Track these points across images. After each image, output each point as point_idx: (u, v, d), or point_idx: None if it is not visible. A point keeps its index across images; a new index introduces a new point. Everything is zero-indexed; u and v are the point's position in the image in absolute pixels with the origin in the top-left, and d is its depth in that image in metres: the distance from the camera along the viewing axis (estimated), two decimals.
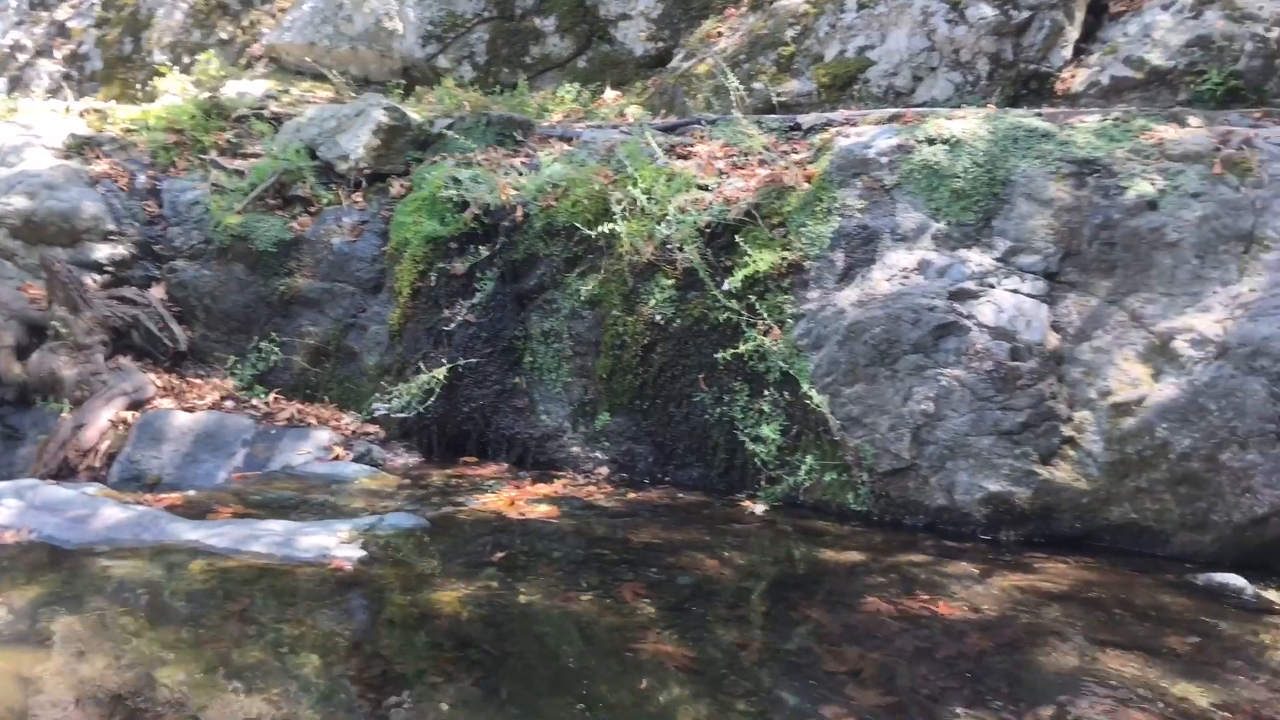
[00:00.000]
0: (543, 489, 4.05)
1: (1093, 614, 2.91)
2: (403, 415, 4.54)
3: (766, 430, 3.92)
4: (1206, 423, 3.34)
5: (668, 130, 5.06)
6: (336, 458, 4.48)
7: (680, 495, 4.00)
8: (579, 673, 2.56)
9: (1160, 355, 3.50)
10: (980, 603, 2.95)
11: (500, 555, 3.27)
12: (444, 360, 4.54)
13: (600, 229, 4.38)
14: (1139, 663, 2.57)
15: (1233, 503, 3.29)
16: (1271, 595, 3.04)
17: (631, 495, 4.01)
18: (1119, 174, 3.79)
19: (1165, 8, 5.01)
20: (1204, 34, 4.86)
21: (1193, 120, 4.09)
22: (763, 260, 4.08)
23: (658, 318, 4.23)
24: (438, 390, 4.49)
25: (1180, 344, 3.47)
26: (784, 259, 4.08)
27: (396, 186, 5.31)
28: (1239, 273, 3.52)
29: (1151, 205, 3.70)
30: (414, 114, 5.62)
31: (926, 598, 2.96)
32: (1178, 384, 3.42)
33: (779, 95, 5.59)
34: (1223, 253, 3.56)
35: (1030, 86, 5.19)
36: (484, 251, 4.68)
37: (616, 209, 4.40)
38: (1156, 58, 4.90)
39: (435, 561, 3.23)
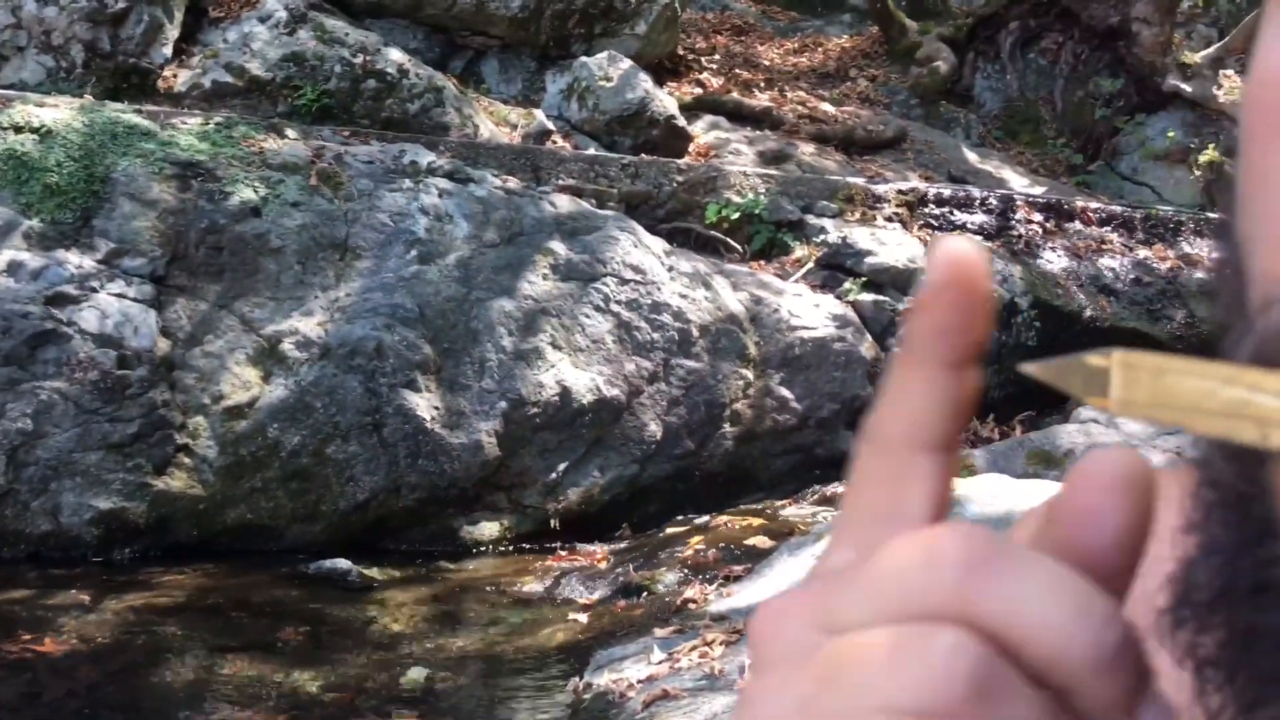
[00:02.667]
0: None
1: (212, 621, 2.92)
2: None
3: None
4: (314, 419, 3.56)
5: None
6: None
7: None
8: None
9: (270, 358, 3.63)
10: (92, 632, 2.77)
11: None
12: None
13: None
14: (258, 661, 2.65)
15: (338, 491, 3.57)
16: (373, 572, 3.37)
17: None
18: (223, 179, 3.84)
19: (263, 20, 5.20)
20: (298, 51, 5.16)
21: (291, 132, 4.31)
22: None
23: None
24: None
25: (288, 346, 3.64)
26: None
27: None
28: (337, 279, 3.81)
29: (256, 212, 3.81)
30: None
31: (29, 637, 2.68)
32: (287, 385, 3.59)
33: None
34: (322, 260, 3.83)
35: (132, 81, 4.99)
36: None
37: None
38: (256, 68, 5.07)
39: None
